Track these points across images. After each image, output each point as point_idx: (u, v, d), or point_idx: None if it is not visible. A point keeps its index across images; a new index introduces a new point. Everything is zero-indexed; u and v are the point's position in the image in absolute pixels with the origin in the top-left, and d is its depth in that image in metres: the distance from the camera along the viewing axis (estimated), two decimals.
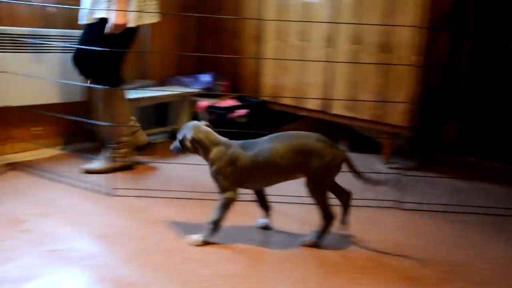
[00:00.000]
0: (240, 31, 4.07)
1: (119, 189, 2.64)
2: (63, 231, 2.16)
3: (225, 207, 2.05)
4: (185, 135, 2.07)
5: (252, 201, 2.24)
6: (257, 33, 3.94)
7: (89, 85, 2.90)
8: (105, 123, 2.87)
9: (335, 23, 3.40)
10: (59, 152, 3.30)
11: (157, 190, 2.67)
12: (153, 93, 3.51)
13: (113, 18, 2.65)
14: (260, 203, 2.24)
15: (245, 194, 2.09)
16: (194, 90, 3.84)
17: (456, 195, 2.88)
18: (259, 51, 3.93)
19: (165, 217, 2.35)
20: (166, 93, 3.60)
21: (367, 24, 3.20)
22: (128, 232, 2.16)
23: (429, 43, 3.10)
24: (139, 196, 2.61)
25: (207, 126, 2.13)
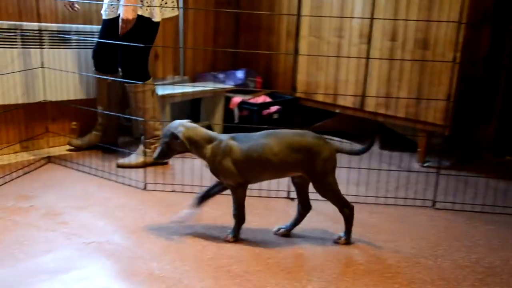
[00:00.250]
0: (275, 27, 4.06)
1: (151, 184, 2.68)
2: (98, 224, 2.20)
3: (240, 201, 2.03)
4: (172, 135, 2.00)
5: (284, 198, 2.23)
6: (292, 29, 3.92)
7: (119, 79, 2.94)
8: (137, 118, 2.91)
9: (372, 18, 3.35)
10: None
11: (189, 185, 2.70)
12: (186, 89, 3.54)
13: (123, 13, 2.66)
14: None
15: (278, 190, 2.09)
16: (227, 86, 3.85)
17: (492, 195, 2.81)
18: (293, 48, 3.91)
19: (197, 212, 2.37)
20: (199, 89, 3.62)
21: (408, 20, 3.14)
22: (160, 226, 2.19)
23: (470, 39, 3.02)
24: (172, 191, 2.64)
25: (191, 122, 2.07)
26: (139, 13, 2.72)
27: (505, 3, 3.34)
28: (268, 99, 3.87)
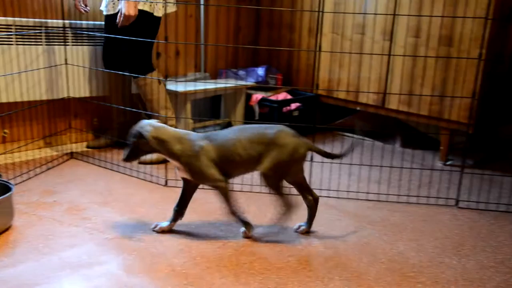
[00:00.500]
0: (296, 24, 4.04)
1: (172, 180, 2.69)
2: (120, 220, 2.22)
3: (226, 196, 2.01)
4: (140, 135, 1.96)
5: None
6: (314, 26, 3.90)
7: (129, 74, 2.94)
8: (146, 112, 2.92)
9: (395, 15, 3.32)
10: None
11: None
12: (206, 85, 3.54)
13: (125, 9, 2.67)
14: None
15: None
16: (248, 83, 3.85)
17: None
18: (315, 45, 3.89)
19: (218, 209, 2.37)
20: (219, 85, 3.62)
21: (435, 16, 3.10)
22: (181, 222, 2.19)
23: (496, 35, 2.97)
24: None
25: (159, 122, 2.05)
26: (140, 7, 2.75)
27: None
28: (288, 96, 3.86)
